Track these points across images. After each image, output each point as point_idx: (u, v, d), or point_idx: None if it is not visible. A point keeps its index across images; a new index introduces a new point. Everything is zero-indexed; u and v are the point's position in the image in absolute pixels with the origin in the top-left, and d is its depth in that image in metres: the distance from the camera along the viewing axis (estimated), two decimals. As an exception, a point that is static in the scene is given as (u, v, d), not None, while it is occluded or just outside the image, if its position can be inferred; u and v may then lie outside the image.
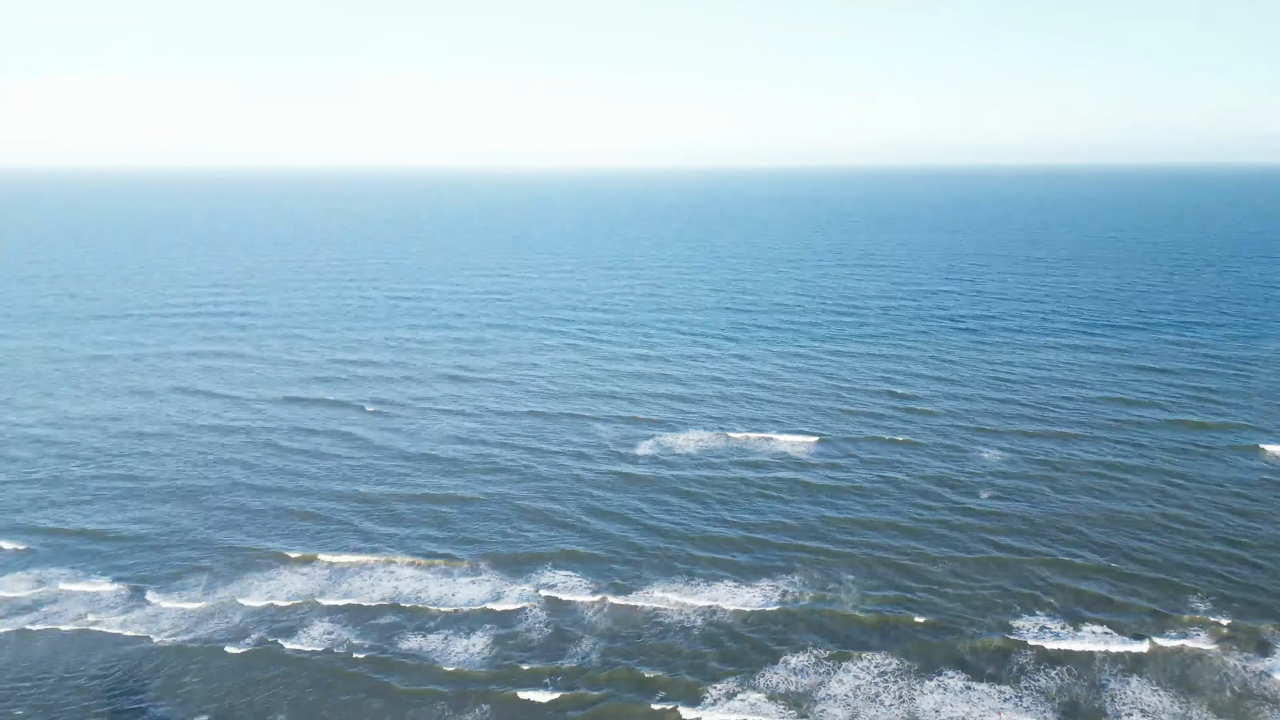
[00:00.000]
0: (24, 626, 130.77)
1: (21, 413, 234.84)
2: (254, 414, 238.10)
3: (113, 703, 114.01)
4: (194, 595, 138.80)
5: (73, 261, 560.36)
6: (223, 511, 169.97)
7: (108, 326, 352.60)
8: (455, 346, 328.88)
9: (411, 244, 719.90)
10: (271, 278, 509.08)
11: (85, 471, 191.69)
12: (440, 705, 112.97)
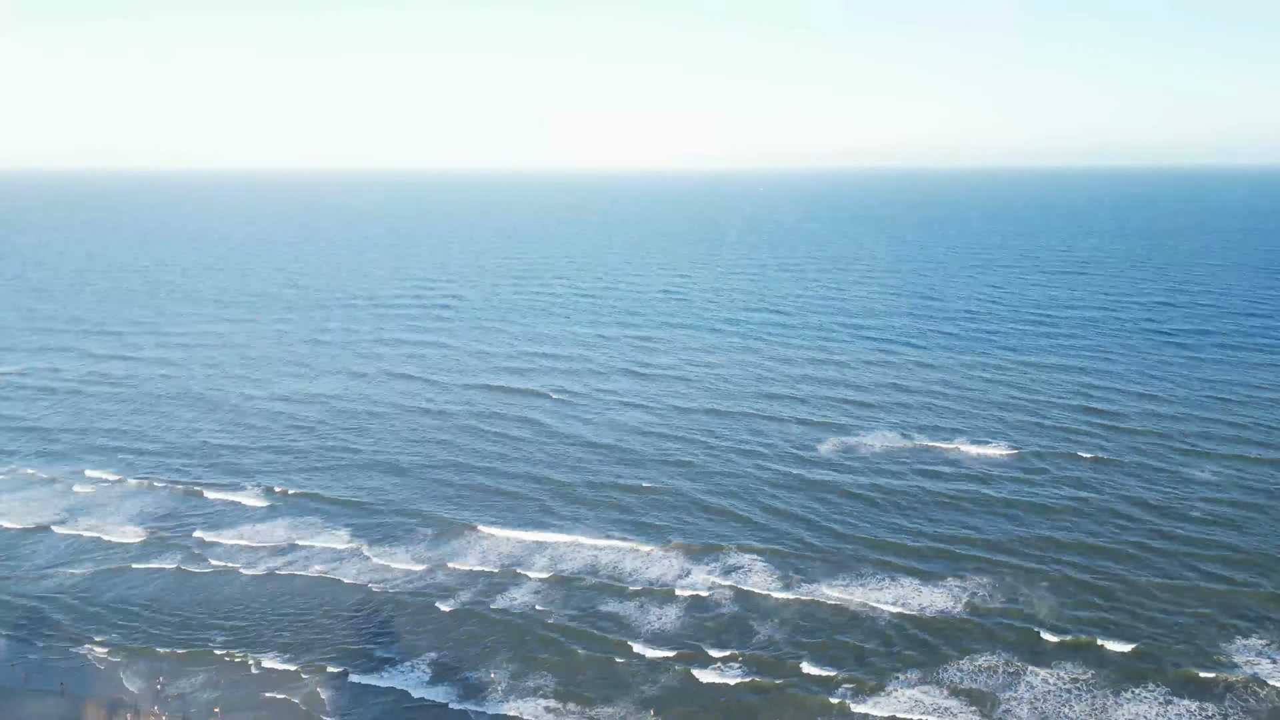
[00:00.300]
0: (274, 571, 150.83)
1: (256, 387, 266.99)
2: (453, 398, 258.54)
3: (348, 642, 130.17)
4: (407, 557, 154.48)
5: (296, 255, 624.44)
6: (429, 484, 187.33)
7: (327, 314, 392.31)
8: (635, 343, 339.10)
9: (594, 244, 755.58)
10: (471, 274, 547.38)
11: (310, 442, 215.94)
12: (628, 674, 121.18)
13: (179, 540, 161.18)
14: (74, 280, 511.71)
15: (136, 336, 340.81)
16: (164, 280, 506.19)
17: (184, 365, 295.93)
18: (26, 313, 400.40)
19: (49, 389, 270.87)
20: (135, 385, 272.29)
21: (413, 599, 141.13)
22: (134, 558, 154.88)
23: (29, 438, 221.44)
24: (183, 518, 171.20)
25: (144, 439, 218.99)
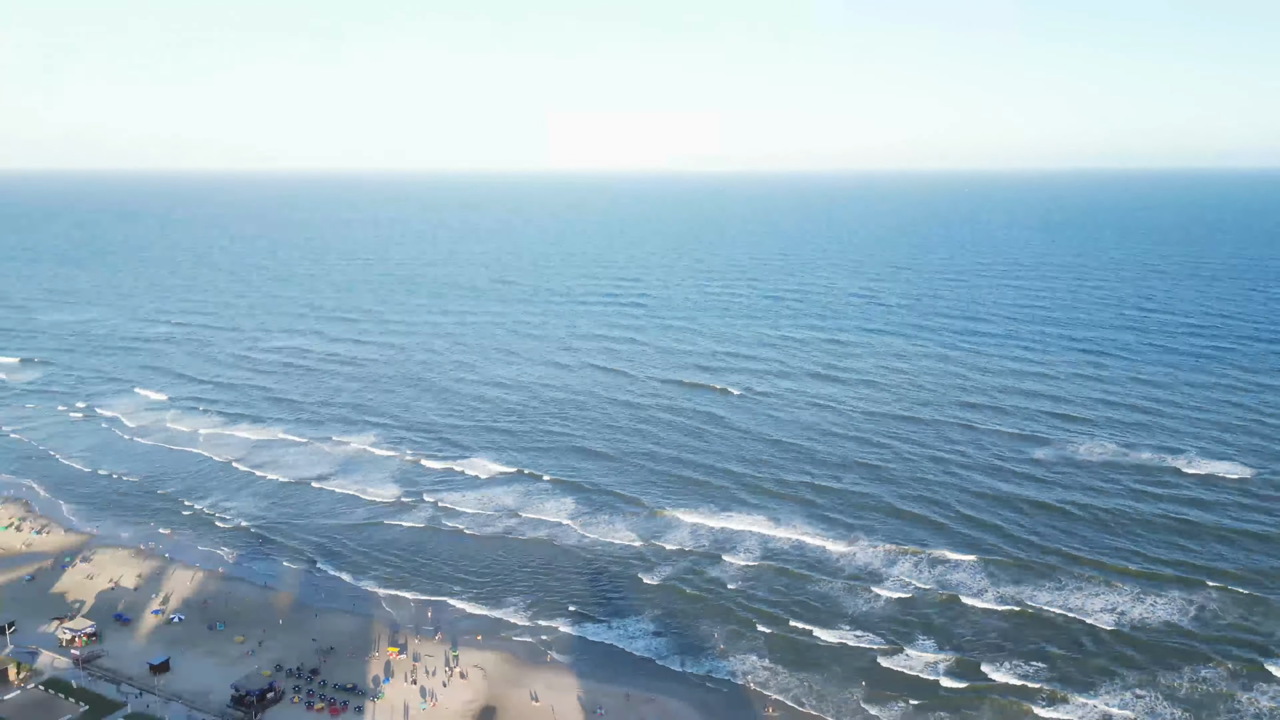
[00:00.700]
0: (505, 534, 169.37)
1: (468, 371, 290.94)
2: (647, 391, 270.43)
3: (571, 598, 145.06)
4: (617, 532, 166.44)
5: (500, 251, 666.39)
6: (631, 469, 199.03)
7: (528, 308, 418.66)
8: (825, 345, 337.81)
9: (780, 245, 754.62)
10: (662, 272, 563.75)
11: (522, 425, 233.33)
12: (829, 656, 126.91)
13: (423, 502, 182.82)
14: (312, 270, 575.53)
15: (365, 323, 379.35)
16: (389, 274, 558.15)
17: (406, 350, 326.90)
18: (273, 298, 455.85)
19: (294, 365, 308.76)
20: (365, 365, 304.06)
21: (624, 569, 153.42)
22: (388, 514, 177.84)
23: (281, 407, 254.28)
24: (423, 483, 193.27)
25: (377, 412, 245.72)
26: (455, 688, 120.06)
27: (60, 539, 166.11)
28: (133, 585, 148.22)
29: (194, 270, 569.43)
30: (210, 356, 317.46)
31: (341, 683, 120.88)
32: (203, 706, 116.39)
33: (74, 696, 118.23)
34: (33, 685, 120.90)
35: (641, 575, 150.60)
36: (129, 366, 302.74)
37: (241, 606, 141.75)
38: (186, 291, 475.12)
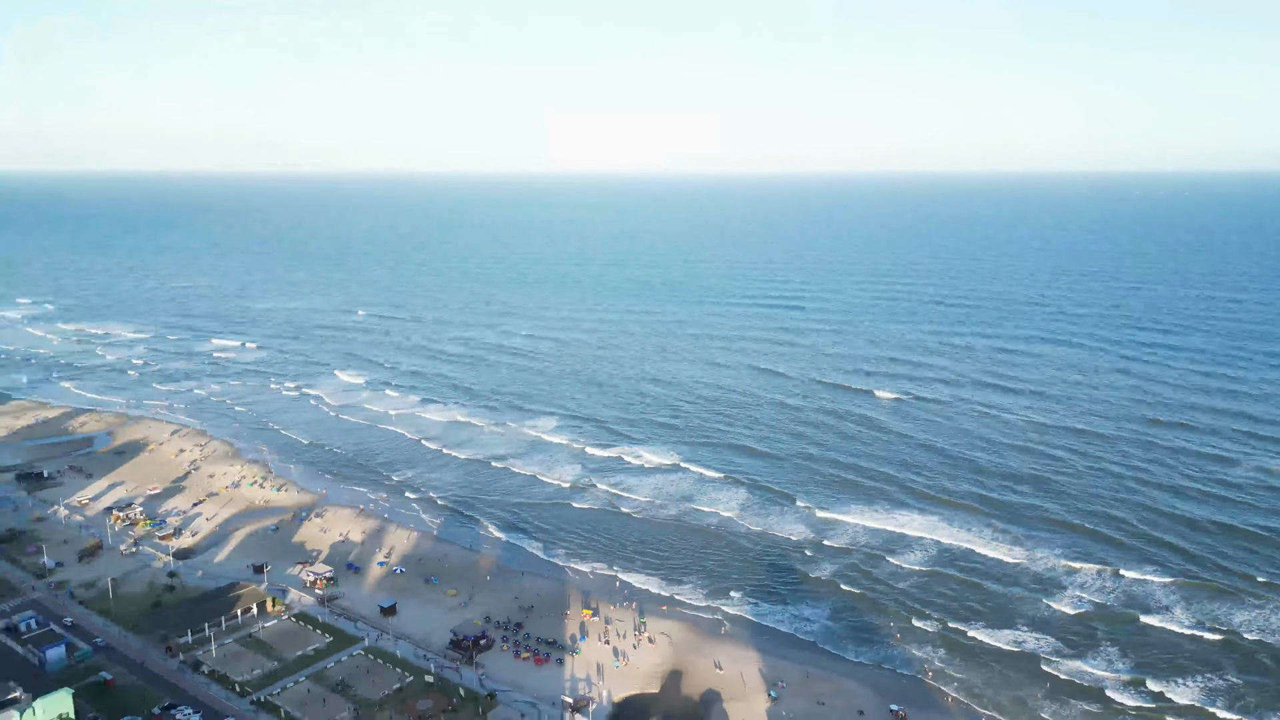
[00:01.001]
0: (679, 517, 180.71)
1: (629, 368, 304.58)
2: (806, 393, 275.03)
3: (745, 582, 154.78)
4: (785, 525, 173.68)
5: (640, 250, 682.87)
6: (794, 468, 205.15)
7: (679, 307, 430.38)
8: (994, 353, 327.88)
9: (947, 249, 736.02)
10: (819, 274, 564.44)
11: (681, 421, 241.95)
12: (1011, 666, 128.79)
13: (596, 486, 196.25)
14: (472, 267, 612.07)
15: (526, 319, 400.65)
16: (543, 271, 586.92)
17: (566, 345, 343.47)
18: (445, 293, 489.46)
19: (469, 355, 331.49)
20: (530, 358, 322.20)
21: (793, 561, 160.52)
22: (566, 495, 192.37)
23: (460, 393, 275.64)
24: (593, 468, 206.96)
25: (545, 402, 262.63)
26: (644, 651, 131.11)
27: (295, 497, 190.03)
28: (359, 540, 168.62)
29: (371, 266, 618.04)
30: (396, 345, 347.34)
31: (544, 637, 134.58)
32: (426, 646, 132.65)
33: (320, 629, 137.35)
34: (286, 617, 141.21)
35: (809, 568, 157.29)
36: (328, 351, 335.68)
37: (451, 565, 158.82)
38: (368, 285, 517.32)
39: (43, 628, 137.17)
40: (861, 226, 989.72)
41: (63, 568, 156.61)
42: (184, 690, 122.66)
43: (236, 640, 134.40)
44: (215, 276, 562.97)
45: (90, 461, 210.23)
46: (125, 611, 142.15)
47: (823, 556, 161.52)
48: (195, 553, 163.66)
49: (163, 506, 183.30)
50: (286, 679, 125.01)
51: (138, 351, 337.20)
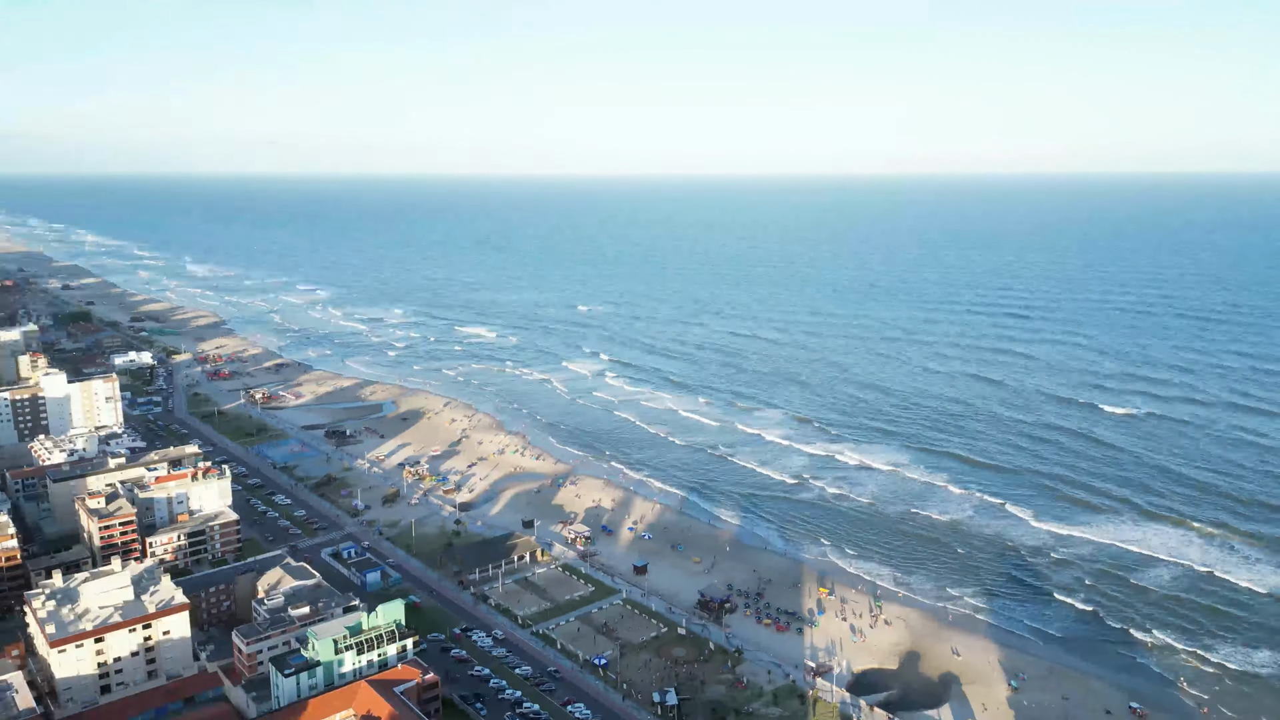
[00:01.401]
0: (909, 511, 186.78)
1: (844, 371, 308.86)
2: (1029, 404, 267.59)
3: (982, 576, 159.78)
4: (1017, 530, 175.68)
5: (853, 253, 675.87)
6: (1019, 478, 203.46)
7: (895, 311, 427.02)
8: (1252, 373, 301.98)
9: (1182, 257, 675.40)
10: (1048, 281, 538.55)
11: (898, 427, 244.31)
12: (1268, 691, 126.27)
13: (822, 481, 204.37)
14: (695, 268, 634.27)
15: (740, 318, 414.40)
16: (744, 270, 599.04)
17: (781, 345, 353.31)
18: (663, 289, 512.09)
19: (686, 349, 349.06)
20: (745, 357, 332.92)
21: (1030, 563, 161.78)
22: (793, 489, 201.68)
23: (678, 386, 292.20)
24: (816, 461, 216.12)
25: (763, 399, 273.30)
26: (880, 631, 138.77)
27: (552, 465, 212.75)
28: (609, 507, 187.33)
29: (581, 264, 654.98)
30: (614, 338, 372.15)
31: (783, 607, 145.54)
32: (675, 603, 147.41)
33: (582, 579, 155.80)
34: (554, 566, 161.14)
35: (1048, 575, 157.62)
36: (557, 342, 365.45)
37: (694, 536, 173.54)
38: (583, 283, 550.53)
39: (361, 556, 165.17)
40: (1073, 229, 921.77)
41: (369, 510, 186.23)
42: (476, 617, 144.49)
43: (515, 581, 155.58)
44: (453, 269, 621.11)
45: (381, 424, 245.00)
46: (423, 549, 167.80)
47: (1060, 566, 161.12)
48: (473, 506, 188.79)
49: (443, 466, 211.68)
50: (559, 617, 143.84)
51: (400, 334, 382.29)
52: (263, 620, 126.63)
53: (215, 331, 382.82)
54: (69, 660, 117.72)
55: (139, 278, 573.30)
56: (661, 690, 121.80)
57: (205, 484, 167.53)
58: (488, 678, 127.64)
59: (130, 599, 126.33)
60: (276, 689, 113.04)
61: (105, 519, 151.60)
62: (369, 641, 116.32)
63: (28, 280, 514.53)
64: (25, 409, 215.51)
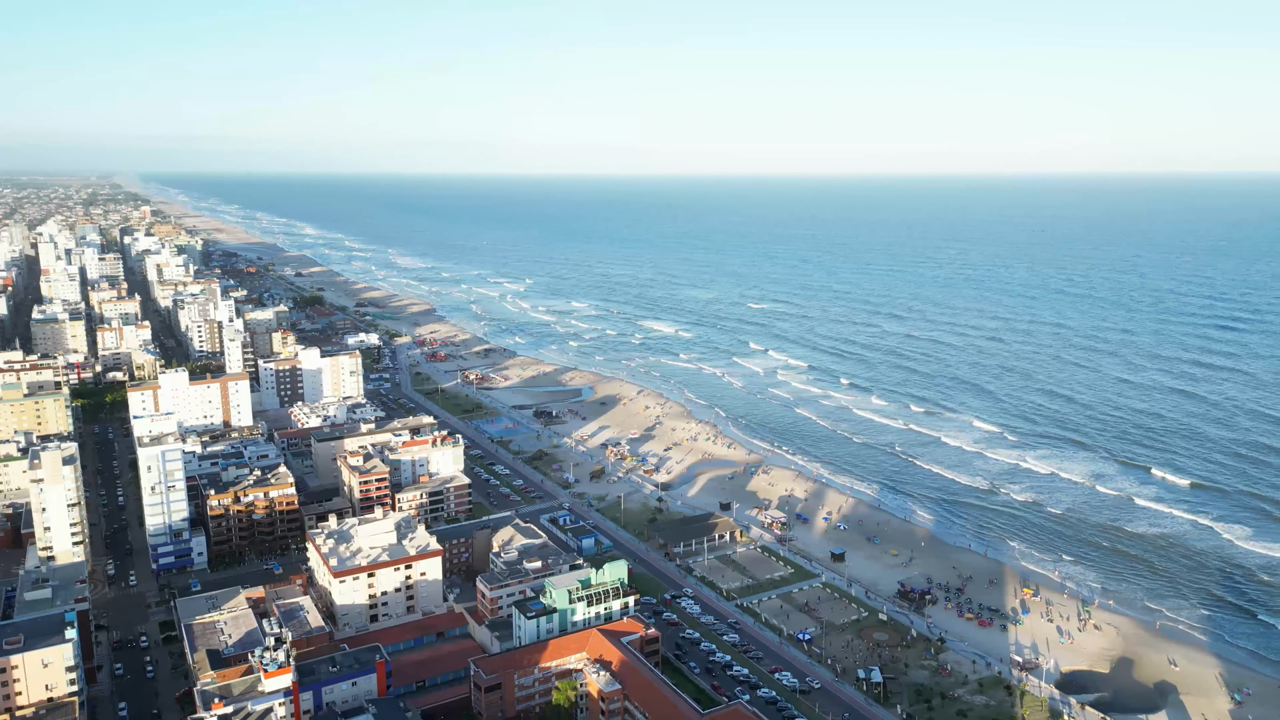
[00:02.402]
0: (1114, 519, 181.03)
1: (1026, 378, 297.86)
2: (1234, 422, 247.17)
3: (1211, 589, 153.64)
4: (1236, 552, 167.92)
5: (1049, 255, 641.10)
6: (1225, 499, 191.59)
7: (1087, 319, 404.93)
8: None
9: None
10: (1248, 289, 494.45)
11: (1095, 440, 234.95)
12: None
13: (1014, 486, 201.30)
14: (872, 267, 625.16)
15: (916, 320, 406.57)
16: (942, 274, 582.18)
17: (958, 349, 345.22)
18: (846, 289, 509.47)
19: (862, 348, 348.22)
20: (918, 360, 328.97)
21: (1256, 585, 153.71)
22: (983, 495, 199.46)
23: (846, 386, 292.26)
24: (1009, 472, 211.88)
25: (943, 402, 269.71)
26: (1089, 635, 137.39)
27: (743, 454, 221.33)
28: (802, 496, 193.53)
29: (763, 260, 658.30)
30: (787, 335, 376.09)
31: (985, 603, 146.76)
32: (874, 590, 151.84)
33: (781, 561, 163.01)
34: (753, 547, 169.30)
35: (1264, 595, 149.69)
36: (733, 338, 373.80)
37: (890, 530, 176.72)
38: (761, 280, 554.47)
39: (575, 524, 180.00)
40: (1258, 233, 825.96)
41: (579, 483, 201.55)
42: (683, 587, 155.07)
43: (717, 557, 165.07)
44: (631, 266, 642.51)
45: (582, 407, 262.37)
46: (629, 521, 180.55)
47: (1276, 590, 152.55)
48: (671, 486, 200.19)
49: (641, 448, 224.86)
50: (760, 594, 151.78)
51: (585, 326, 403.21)
52: (500, 570, 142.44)
53: (428, 318, 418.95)
54: (347, 590, 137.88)
55: (354, 267, 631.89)
56: (866, 668, 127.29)
57: (442, 450, 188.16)
58: (697, 641, 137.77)
59: (394, 543, 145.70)
60: (518, 629, 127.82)
61: (364, 475, 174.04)
62: (597, 595, 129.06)
63: (266, 267, 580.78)
64: (286, 378, 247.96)
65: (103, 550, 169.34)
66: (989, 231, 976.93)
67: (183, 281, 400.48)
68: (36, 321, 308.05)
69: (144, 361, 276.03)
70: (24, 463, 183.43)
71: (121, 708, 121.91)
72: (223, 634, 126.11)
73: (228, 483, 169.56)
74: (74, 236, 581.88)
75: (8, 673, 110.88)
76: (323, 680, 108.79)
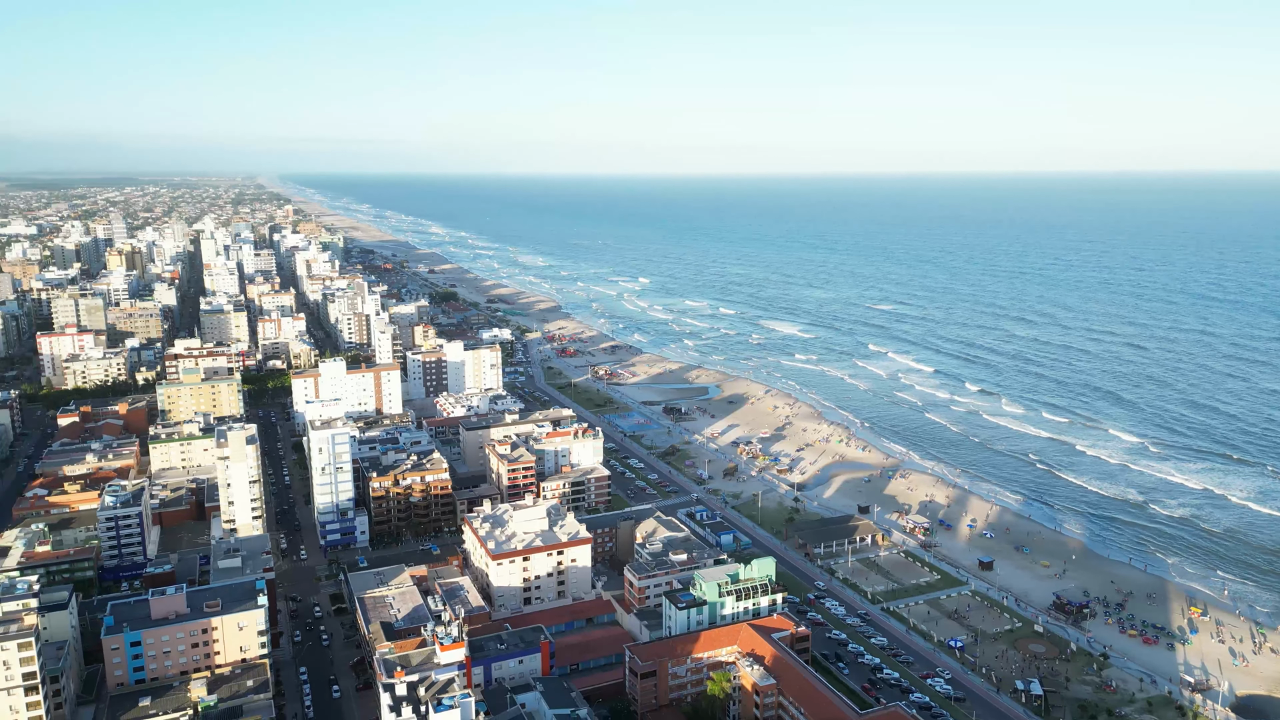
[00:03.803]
0: None
1: (1169, 389, 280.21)
2: None
3: None
4: None
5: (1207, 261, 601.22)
6: None
7: (1237, 326, 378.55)
8: None
9: None
10: None
11: (1210, 447, 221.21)
12: None
13: (1171, 502, 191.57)
14: (999, 268, 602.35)
15: (1048, 325, 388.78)
16: (1076, 276, 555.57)
17: (1095, 357, 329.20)
18: (973, 292, 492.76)
19: (988, 351, 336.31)
20: (1051, 366, 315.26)
21: None
22: (1135, 510, 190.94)
23: (974, 392, 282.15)
24: (1156, 487, 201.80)
25: (1072, 409, 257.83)
26: (1266, 658, 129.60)
27: (878, 457, 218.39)
28: (943, 502, 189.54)
29: (884, 260, 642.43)
30: (913, 337, 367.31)
31: (1149, 620, 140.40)
32: (1027, 601, 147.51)
33: (926, 566, 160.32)
34: (896, 551, 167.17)
35: None
36: (855, 339, 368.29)
37: (1039, 540, 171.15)
38: (884, 280, 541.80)
39: (712, 519, 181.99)
40: None
41: (712, 480, 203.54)
42: (825, 588, 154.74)
43: (859, 560, 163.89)
44: (748, 265, 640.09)
45: (710, 405, 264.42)
46: (767, 520, 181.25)
47: None
48: (806, 487, 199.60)
49: (773, 448, 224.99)
50: (906, 598, 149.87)
51: (704, 325, 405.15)
52: (646, 561, 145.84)
53: (555, 314, 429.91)
54: (503, 573, 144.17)
55: (481, 264, 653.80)
56: (1025, 680, 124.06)
57: (583, 442, 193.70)
58: (844, 641, 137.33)
59: (545, 529, 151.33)
60: (668, 619, 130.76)
61: (512, 463, 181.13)
62: (746, 590, 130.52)
63: (401, 264, 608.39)
64: (431, 370, 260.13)
65: (274, 525, 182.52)
66: (1130, 232, 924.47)
67: (329, 276, 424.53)
68: (205, 312, 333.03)
69: (300, 351, 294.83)
70: (206, 441, 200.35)
71: (302, 671, 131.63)
72: (392, 608, 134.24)
73: (387, 466, 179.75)
74: (229, 233, 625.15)
75: (209, 633, 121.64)
76: (492, 656, 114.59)
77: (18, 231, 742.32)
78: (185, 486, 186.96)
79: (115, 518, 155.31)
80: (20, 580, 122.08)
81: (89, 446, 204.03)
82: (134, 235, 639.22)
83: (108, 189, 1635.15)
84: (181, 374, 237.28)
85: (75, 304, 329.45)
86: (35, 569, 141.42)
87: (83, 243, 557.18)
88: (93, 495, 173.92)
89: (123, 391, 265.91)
